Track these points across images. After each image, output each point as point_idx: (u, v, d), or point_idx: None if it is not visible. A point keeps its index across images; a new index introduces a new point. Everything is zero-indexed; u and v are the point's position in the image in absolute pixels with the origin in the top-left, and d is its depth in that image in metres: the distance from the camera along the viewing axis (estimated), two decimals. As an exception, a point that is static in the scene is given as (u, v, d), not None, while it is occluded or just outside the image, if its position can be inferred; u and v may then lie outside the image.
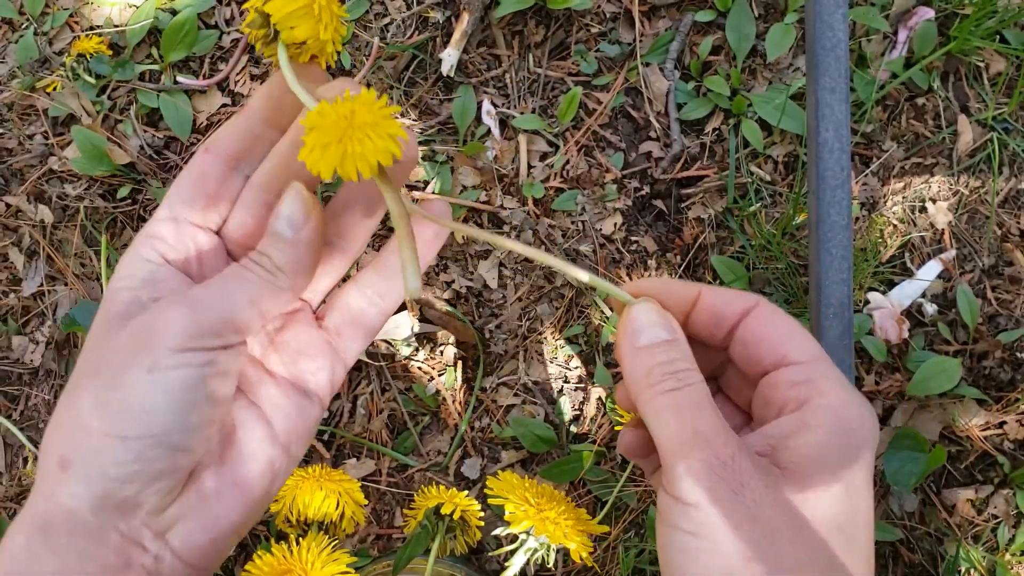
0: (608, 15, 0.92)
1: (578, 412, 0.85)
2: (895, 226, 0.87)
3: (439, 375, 0.86)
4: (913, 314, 0.84)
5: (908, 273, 0.85)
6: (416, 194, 0.89)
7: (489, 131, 0.90)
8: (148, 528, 0.30)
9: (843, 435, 0.30)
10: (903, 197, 0.87)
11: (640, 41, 0.91)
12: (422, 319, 0.86)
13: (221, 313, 0.30)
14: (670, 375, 0.31)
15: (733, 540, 0.28)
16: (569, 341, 0.86)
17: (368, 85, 0.91)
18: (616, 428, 0.76)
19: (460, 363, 0.86)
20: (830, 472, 0.29)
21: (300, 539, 0.50)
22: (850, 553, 0.29)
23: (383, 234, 0.88)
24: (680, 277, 0.86)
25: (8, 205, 0.92)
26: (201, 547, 0.31)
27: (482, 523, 0.58)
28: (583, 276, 0.34)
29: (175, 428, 0.30)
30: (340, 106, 0.29)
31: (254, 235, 0.34)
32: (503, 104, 0.91)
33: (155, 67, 0.94)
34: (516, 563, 0.49)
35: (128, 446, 0.29)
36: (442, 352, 0.87)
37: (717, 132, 0.88)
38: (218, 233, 0.35)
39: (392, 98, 0.91)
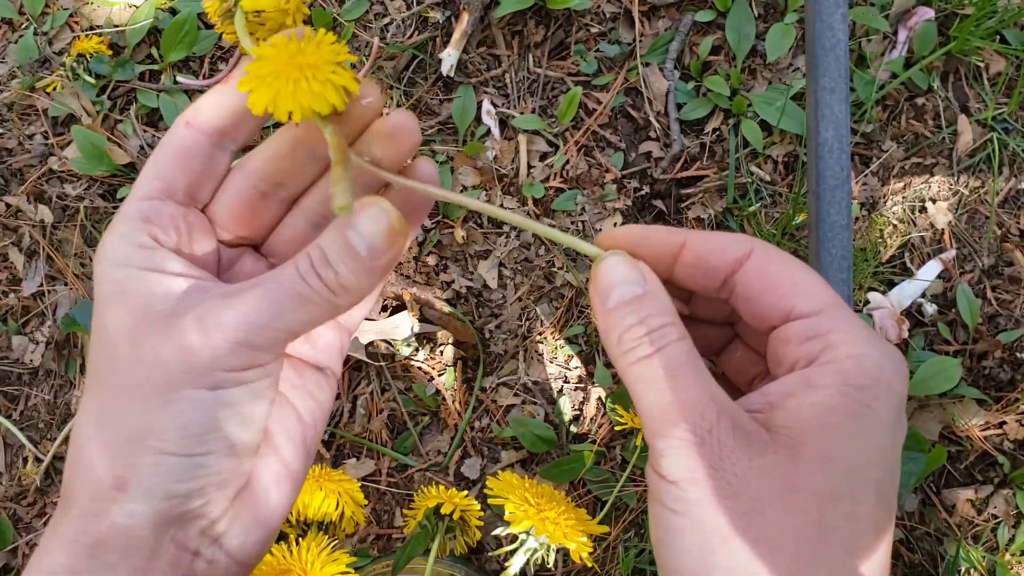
0: (608, 15, 0.92)
1: (578, 412, 0.85)
2: (895, 226, 0.87)
3: (439, 375, 0.86)
4: (913, 314, 0.84)
5: (908, 273, 0.85)
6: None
7: (489, 131, 0.90)
8: (206, 536, 0.29)
9: (851, 394, 0.26)
10: (903, 197, 0.87)
11: (640, 41, 0.91)
12: (422, 319, 0.86)
13: (277, 333, 0.28)
14: (642, 338, 0.28)
15: (712, 518, 0.26)
16: (569, 341, 0.86)
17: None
18: (616, 428, 0.76)
19: (460, 363, 0.86)
20: (828, 437, 0.26)
21: (300, 539, 0.50)
22: (850, 523, 0.26)
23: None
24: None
25: (8, 205, 0.92)
26: (256, 543, 0.31)
27: (482, 523, 0.58)
28: (540, 228, 0.31)
29: (237, 438, 0.29)
30: (292, 44, 0.27)
31: (242, 218, 0.33)
32: (503, 104, 0.91)
33: (155, 67, 0.94)
34: (516, 563, 0.49)
35: (195, 462, 0.28)
36: (442, 352, 0.87)
37: (717, 132, 0.88)
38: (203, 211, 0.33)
39: (392, 98, 0.91)
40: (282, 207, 0.34)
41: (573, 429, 0.84)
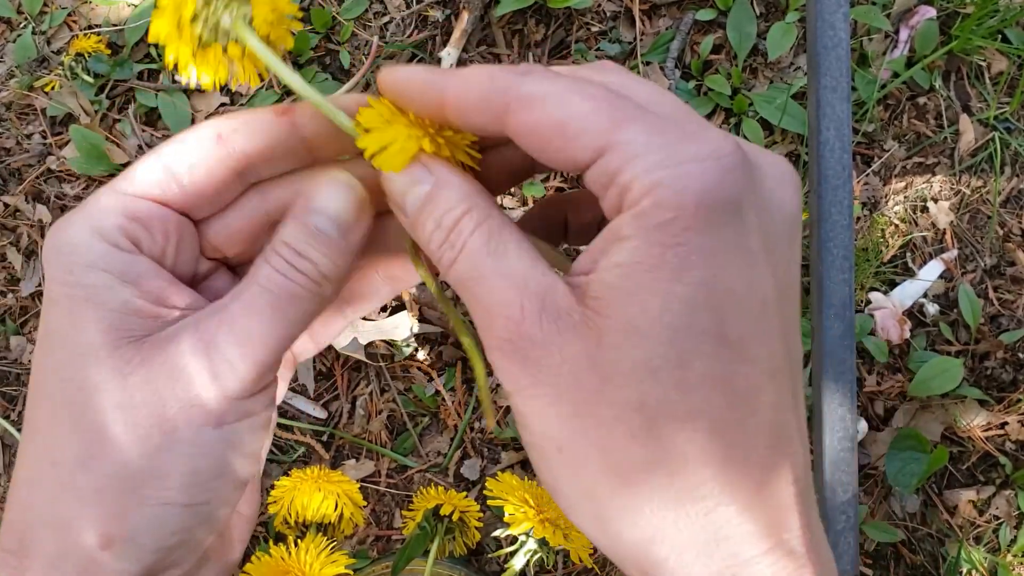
0: (608, 14, 0.91)
1: (578, 412, 0.85)
2: (896, 226, 0.86)
3: (438, 376, 0.86)
4: (915, 314, 0.84)
5: (910, 273, 0.85)
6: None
7: (489, 130, 0.89)
8: None
9: (654, 238, 0.21)
10: (905, 197, 0.87)
11: (641, 40, 0.90)
12: (422, 319, 0.86)
13: (281, 343, 0.26)
14: (444, 244, 0.24)
15: (545, 430, 0.23)
16: (569, 341, 0.86)
17: (368, 84, 0.90)
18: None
19: (460, 363, 0.86)
20: (633, 301, 0.21)
21: (299, 540, 0.49)
22: (683, 394, 0.21)
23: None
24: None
25: (6, 205, 0.92)
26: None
27: (481, 524, 0.57)
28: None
29: (240, 479, 0.26)
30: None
31: (240, 240, 0.29)
32: (503, 103, 0.91)
33: (153, 66, 0.93)
34: (516, 565, 0.49)
35: (195, 511, 0.25)
36: (441, 353, 0.86)
37: (718, 131, 0.88)
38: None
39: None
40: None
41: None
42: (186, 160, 0.26)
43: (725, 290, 0.21)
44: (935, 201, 0.87)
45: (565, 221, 0.31)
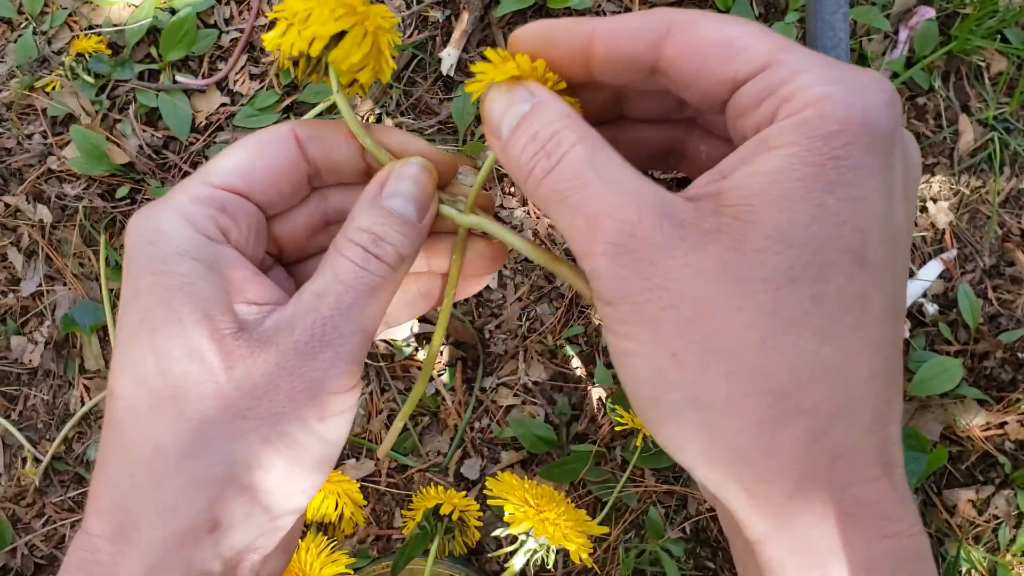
0: (608, 15, 0.91)
1: (578, 412, 0.85)
2: (896, 226, 0.87)
3: (439, 375, 0.86)
4: (914, 314, 0.84)
5: (909, 273, 0.85)
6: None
7: (489, 131, 0.89)
8: (252, 571, 0.27)
9: (815, 148, 0.21)
10: (904, 197, 0.87)
11: (640, 40, 0.91)
12: (422, 319, 0.86)
13: (367, 337, 0.26)
14: (538, 155, 0.24)
15: (655, 334, 0.22)
16: (569, 341, 0.86)
17: (368, 84, 0.90)
18: (616, 428, 0.76)
19: (460, 363, 0.86)
20: (783, 206, 0.21)
21: (299, 540, 0.49)
22: (818, 306, 0.21)
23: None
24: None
25: (7, 205, 0.92)
26: (281, 567, 0.29)
27: (481, 524, 0.58)
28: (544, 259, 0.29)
29: (322, 479, 0.27)
30: None
31: (296, 238, 0.30)
32: (503, 104, 0.91)
33: (154, 66, 0.93)
34: (516, 564, 0.49)
35: (285, 501, 0.26)
36: (441, 352, 0.86)
37: (717, 132, 0.88)
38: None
39: (392, 97, 0.91)
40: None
41: (573, 429, 0.84)
42: (268, 158, 0.27)
43: (872, 215, 0.21)
44: (934, 201, 0.87)
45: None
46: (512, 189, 0.88)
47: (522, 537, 0.49)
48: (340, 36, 0.27)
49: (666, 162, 0.31)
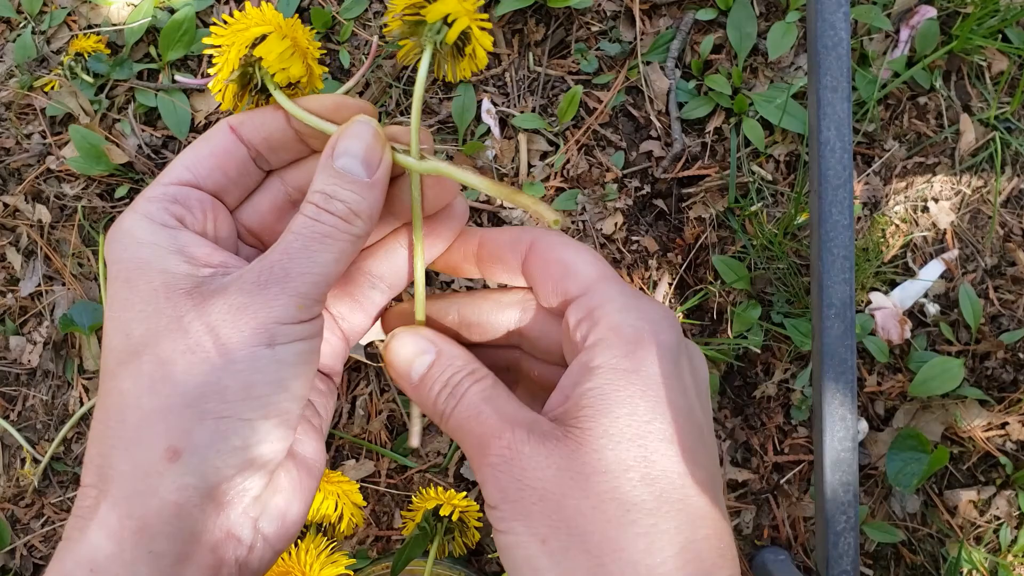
0: (609, 13, 0.91)
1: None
2: (897, 226, 0.86)
3: (438, 375, 0.86)
4: (915, 314, 0.84)
5: (910, 273, 0.85)
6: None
7: (489, 130, 0.89)
8: (248, 516, 0.29)
9: (618, 365, 0.28)
10: (905, 196, 0.87)
11: (641, 39, 0.90)
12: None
13: (318, 279, 0.29)
14: (448, 396, 0.30)
15: (527, 527, 0.27)
16: (569, 341, 0.86)
17: (367, 84, 0.90)
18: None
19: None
20: (606, 413, 0.27)
21: (299, 541, 0.49)
22: (649, 486, 0.27)
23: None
24: (682, 277, 0.86)
25: (6, 205, 0.92)
26: (291, 525, 0.31)
27: (481, 525, 0.57)
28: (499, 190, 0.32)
29: (293, 403, 0.29)
30: None
31: (265, 222, 0.33)
32: (503, 103, 0.90)
33: (153, 66, 0.93)
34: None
35: (254, 427, 0.28)
36: (442, 352, 0.86)
37: (718, 131, 0.88)
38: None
39: (392, 97, 0.90)
40: None
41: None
42: (207, 149, 0.31)
43: (675, 408, 0.28)
44: (936, 201, 0.86)
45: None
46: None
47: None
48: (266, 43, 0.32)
49: (507, 376, 0.37)
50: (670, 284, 0.86)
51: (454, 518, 0.55)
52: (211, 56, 0.33)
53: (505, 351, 0.36)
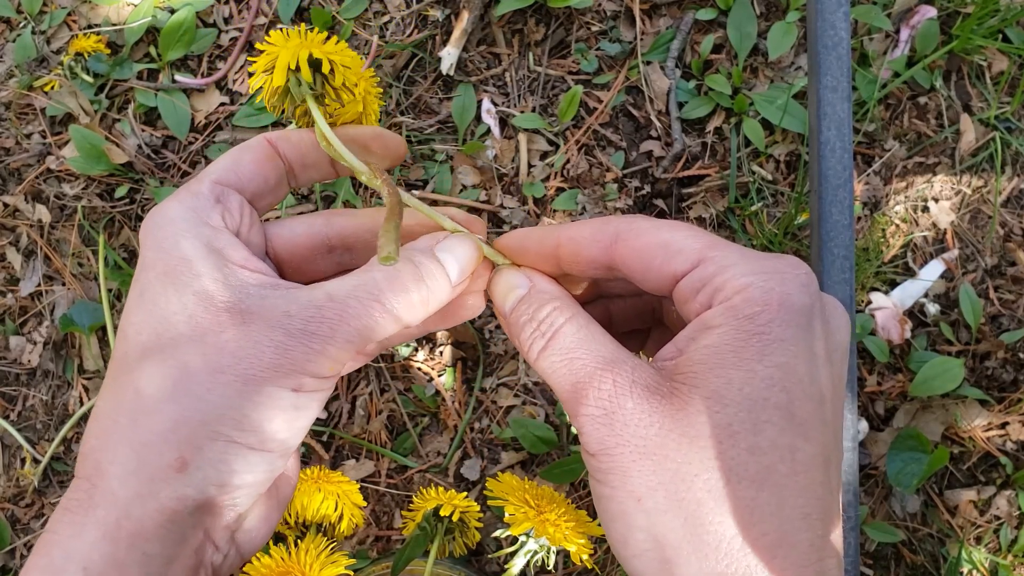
0: (609, 13, 0.91)
1: (578, 413, 0.84)
2: (897, 226, 0.86)
3: (438, 376, 0.86)
4: (915, 314, 0.84)
5: (910, 273, 0.85)
6: (416, 192, 0.88)
7: (489, 130, 0.89)
8: (228, 528, 0.30)
9: (742, 326, 0.26)
10: (905, 196, 0.87)
11: (641, 39, 0.90)
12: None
13: (359, 345, 0.29)
14: (535, 333, 0.30)
15: (625, 482, 0.27)
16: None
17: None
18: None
19: (460, 363, 0.86)
20: (719, 374, 0.26)
21: (298, 541, 0.49)
22: (754, 456, 0.26)
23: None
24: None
25: (5, 205, 0.92)
26: (260, 540, 0.32)
27: (481, 525, 0.57)
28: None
29: (297, 439, 0.30)
30: None
31: (294, 257, 0.34)
32: (503, 103, 0.90)
33: (153, 66, 0.93)
34: (516, 565, 0.49)
35: (260, 456, 0.28)
36: (441, 353, 0.86)
37: (718, 131, 0.88)
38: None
39: (392, 97, 0.90)
40: (333, 269, 0.35)
41: (573, 430, 0.84)
42: (250, 155, 0.33)
43: (795, 377, 0.26)
44: (936, 201, 0.86)
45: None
46: (512, 189, 0.88)
47: (522, 538, 0.49)
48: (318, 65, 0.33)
49: (644, 320, 0.37)
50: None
51: (454, 518, 0.55)
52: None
53: (635, 300, 0.36)
